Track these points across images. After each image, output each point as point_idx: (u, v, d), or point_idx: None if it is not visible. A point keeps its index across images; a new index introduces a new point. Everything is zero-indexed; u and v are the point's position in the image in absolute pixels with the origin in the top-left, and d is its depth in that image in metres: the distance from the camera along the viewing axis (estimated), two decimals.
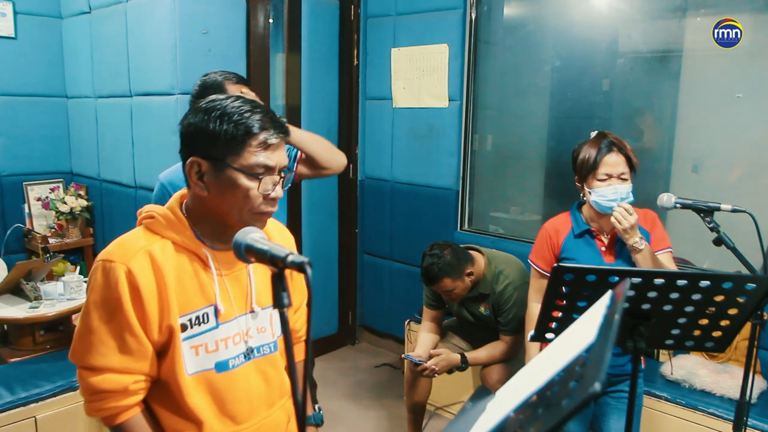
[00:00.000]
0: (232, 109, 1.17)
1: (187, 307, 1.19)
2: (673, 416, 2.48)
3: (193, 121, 1.18)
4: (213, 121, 1.16)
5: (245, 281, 1.28)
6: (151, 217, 1.22)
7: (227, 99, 1.20)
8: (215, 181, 1.17)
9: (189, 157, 1.19)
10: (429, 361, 2.61)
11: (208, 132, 1.16)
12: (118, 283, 1.14)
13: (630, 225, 1.88)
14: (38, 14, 3.61)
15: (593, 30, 3.26)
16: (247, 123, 1.16)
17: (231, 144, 1.15)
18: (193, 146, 1.18)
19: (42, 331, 2.93)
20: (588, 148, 1.97)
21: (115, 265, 1.15)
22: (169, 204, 1.25)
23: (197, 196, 1.21)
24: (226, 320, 1.24)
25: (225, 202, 1.18)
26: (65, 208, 3.51)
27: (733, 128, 2.86)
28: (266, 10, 3.36)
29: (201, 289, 1.21)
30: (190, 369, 1.21)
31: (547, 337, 1.57)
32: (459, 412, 0.96)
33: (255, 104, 1.21)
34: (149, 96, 3.13)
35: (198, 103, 1.22)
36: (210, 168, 1.17)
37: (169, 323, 1.17)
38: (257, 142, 1.16)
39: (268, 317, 1.32)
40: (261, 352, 1.31)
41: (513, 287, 2.56)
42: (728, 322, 1.45)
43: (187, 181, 1.21)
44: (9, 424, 2.38)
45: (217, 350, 1.23)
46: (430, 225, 3.68)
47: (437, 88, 3.56)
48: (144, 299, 1.15)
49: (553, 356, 0.83)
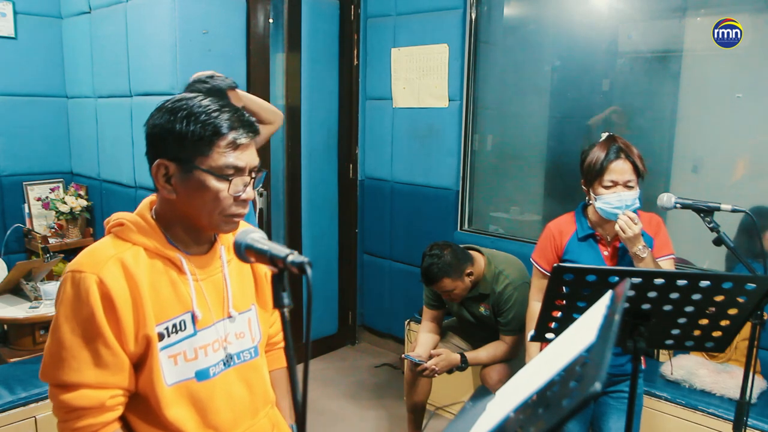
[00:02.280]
0: (199, 109, 1.13)
1: (163, 315, 1.15)
2: (673, 416, 2.48)
3: (158, 122, 1.14)
4: (179, 121, 1.12)
5: (221, 286, 1.24)
6: (120, 224, 1.18)
7: (194, 98, 1.16)
8: (183, 184, 1.13)
9: (155, 159, 1.15)
10: (429, 361, 2.61)
11: (175, 133, 1.12)
12: (89, 295, 1.08)
13: (634, 234, 1.86)
14: (38, 14, 3.60)
15: (593, 30, 3.26)
16: (215, 123, 1.12)
17: (199, 145, 1.11)
18: (159, 148, 1.15)
19: (42, 331, 2.93)
20: (595, 152, 1.94)
21: (85, 275, 1.09)
22: (138, 210, 1.21)
23: (166, 200, 1.17)
24: (204, 326, 1.20)
25: (194, 204, 1.14)
26: (65, 208, 3.51)
27: (733, 128, 2.86)
28: (266, 10, 3.36)
29: (177, 296, 1.17)
30: (169, 379, 1.16)
31: (547, 337, 1.57)
32: (459, 412, 0.96)
33: (223, 103, 1.17)
34: (149, 96, 3.13)
35: (163, 104, 1.17)
36: (177, 170, 1.13)
37: (145, 333, 1.12)
38: (226, 143, 1.12)
39: (246, 322, 1.28)
40: (241, 359, 1.27)
41: (513, 287, 2.56)
42: (728, 322, 1.45)
43: (154, 184, 1.17)
44: (9, 424, 2.37)
45: (196, 358, 1.18)
46: (430, 225, 3.68)
47: (437, 88, 3.56)
48: (118, 309, 1.09)
49: (554, 356, 0.83)
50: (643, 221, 1.96)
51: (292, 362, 0.89)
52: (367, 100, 3.95)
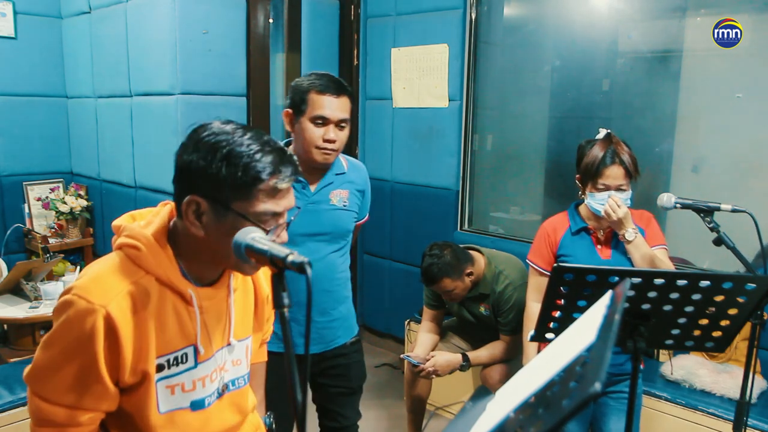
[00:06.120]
0: (240, 149, 1.04)
1: (166, 348, 1.11)
2: (673, 416, 2.48)
3: (194, 158, 1.06)
4: (219, 160, 1.04)
5: (224, 314, 1.21)
6: (135, 248, 1.10)
7: (235, 133, 1.07)
8: (215, 224, 1.07)
9: (186, 193, 1.07)
10: (427, 363, 2.61)
11: (212, 173, 1.04)
12: (94, 328, 1.03)
13: (622, 215, 1.94)
14: (38, 14, 3.61)
15: (593, 30, 3.26)
16: (257, 167, 1.04)
17: (239, 189, 1.04)
18: (193, 184, 1.06)
19: (42, 331, 2.93)
20: (592, 153, 2.00)
21: (94, 307, 1.03)
22: (156, 229, 1.12)
23: (191, 234, 1.10)
24: (205, 359, 1.17)
25: (223, 245, 1.06)
26: (65, 208, 3.51)
27: (733, 128, 2.86)
28: (266, 10, 3.36)
29: (181, 329, 1.13)
30: (162, 407, 1.13)
31: (546, 337, 1.57)
32: (459, 412, 0.96)
33: (265, 140, 1.08)
34: (149, 96, 3.13)
35: (199, 134, 1.08)
36: (210, 209, 1.06)
37: (144, 368, 1.08)
38: (267, 188, 1.05)
39: (243, 349, 1.27)
40: (236, 385, 1.26)
41: (513, 287, 2.56)
42: (728, 322, 1.45)
43: (181, 218, 1.10)
44: (9, 424, 2.37)
45: (194, 389, 1.16)
46: (430, 225, 3.68)
47: (437, 88, 3.56)
48: (121, 345, 1.05)
49: (553, 356, 0.83)
50: (634, 217, 2.03)
51: (292, 363, 0.89)
52: (367, 100, 3.95)
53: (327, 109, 1.79)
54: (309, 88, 1.81)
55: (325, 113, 1.79)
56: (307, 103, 1.80)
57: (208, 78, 3.08)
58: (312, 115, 1.79)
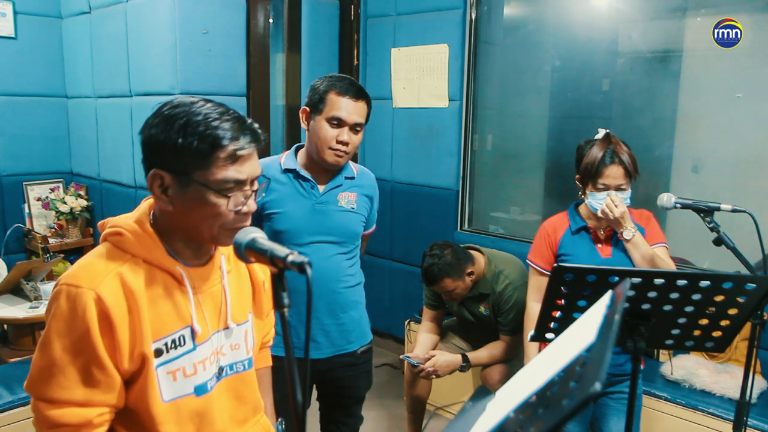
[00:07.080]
0: (197, 118, 1.05)
1: (161, 331, 1.10)
2: (673, 416, 2.48)
3: (154, 131, 1.07)
4: (176, 131, 1.05)
5: (220, 296, 1.20)
6: (117, 234, 1.11)
7: (193, 104, 1.08)
8: (181, 197, 1.07)
9: (151, 168, 1.08)
10: (426, 363, 2.61)
11: (171, 144, 1.05)
12: (86, 312, 1.02)
13: (620, 214, 1.94)
14: (38, 14, 3.60)
15: (593, 30, 3.26)
16: (214, 134, 1.05)
17: (197, 158, 1.05)
18: (155, 158, 1.08)
19: (42, 331, 2.93)
20: (592, 153, 2.00)
21: (82, 291, 1.03)
22: (137, 216, 1.14)
23: (163, 211, 1.11)
24: (203, 341, 1.16)
25: (193, 218, 1.08)
26: (65, 208, 3.51)
27: (733, 128, 2.86)
28: (266, 10, 3.36)
29: (176, 311, 1.12)
30: (166, 396, 1.12)
31: (546, 337, 1.57)
32: (459, 412, 0.96)
33: (224, 109, 1.10)
34: (149, 96, 3.13)
35: (161, 110, 1.09)
36: (174, 182, 1.07)
37: (141, 351, 1.07)
38: (226, 155, 1.06)
39: (242, 333, 1.26)
40: (234, 370, 1.25)
41: (513, 287, 2.56)
42: (728, 322, 1.45)
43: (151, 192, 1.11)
44: (9, 424, 2.37)
45: (195, 373, 1.15)
46: (430, 225, 3.68)
47: (437, 88, 3.56)
48: (115, 327, 1.04)
49: (553, 356, 0.83)
50: (634, 216, 2.04)
51: (292, 364, 0.89)
52: None
53: (344, 110, 1.80)
54: (329, 88, 1.82)
55: (341, 114, 1.80)
56: (325, 102, 1.81)
57: (208, 78, 3.08)
58: (329, 115, 1.81)
